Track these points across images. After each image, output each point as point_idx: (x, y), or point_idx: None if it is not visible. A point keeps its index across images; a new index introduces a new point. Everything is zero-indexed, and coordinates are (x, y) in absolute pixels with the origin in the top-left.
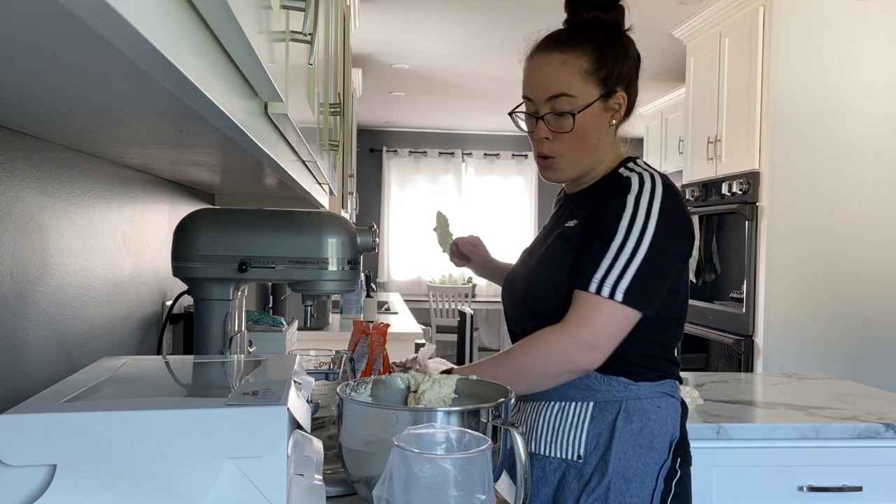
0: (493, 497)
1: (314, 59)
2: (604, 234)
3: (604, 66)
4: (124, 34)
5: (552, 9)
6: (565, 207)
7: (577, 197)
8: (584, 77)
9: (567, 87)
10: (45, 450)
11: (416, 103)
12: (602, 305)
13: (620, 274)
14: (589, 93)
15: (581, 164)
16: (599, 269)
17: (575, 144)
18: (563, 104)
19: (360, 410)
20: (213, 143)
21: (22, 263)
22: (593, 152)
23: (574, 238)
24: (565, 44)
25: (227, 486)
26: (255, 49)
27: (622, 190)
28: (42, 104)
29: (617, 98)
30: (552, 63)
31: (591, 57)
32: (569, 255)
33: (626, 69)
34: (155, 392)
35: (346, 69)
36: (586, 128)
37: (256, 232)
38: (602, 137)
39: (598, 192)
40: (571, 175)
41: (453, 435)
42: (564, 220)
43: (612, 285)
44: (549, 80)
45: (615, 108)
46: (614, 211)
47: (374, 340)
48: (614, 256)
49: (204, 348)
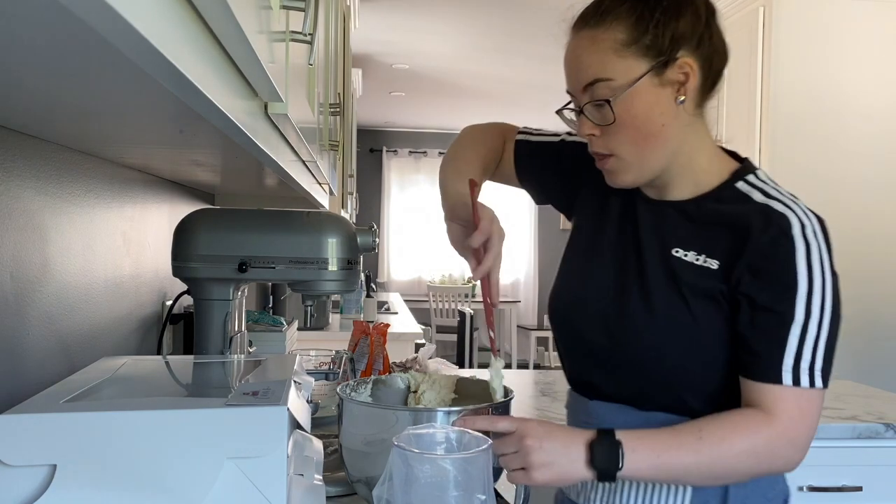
0: (493, 497)
1: (314, 59)
2: (781, 309)
3: (646, 30)
4: (124, 34)
5: (552, 9)
6: (656, 217)
7: (680, 212)
8: (620, 51)
9: (599, 69)
10: (45, 450)
11: (416, 103)
12: (802, 398)
13: (812, 357)
14: (630, 69)
15: (650, 161)
16: (787, 356)
17: (630, 136)
18: (601, 91)
19: (360, 410)
20: (213, 143)
21: (22, 263)
22: (661, 143)
23: (715, 289)
24: (596, 15)
25: (227, 486)
26: (255, 49)
27: (782, 238)
28: (42, 104)
29: (679, 66)
30: (581, 44)
31: (627, 23)
32: (716, 315)
33: (686, 25)
34: (155, 392)
35: (346, 69)
36: (638, 113)
37: (256, 232)
38: (669, 122)
39: (725, 216)
40: (642, 176)
41: (453, 435)
42: (669, 239)
43: (808, 372)
44: (580, 67)
45: (679, 80)
46: (785, 277)
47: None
48: (801, 337)
49: (204, 348)
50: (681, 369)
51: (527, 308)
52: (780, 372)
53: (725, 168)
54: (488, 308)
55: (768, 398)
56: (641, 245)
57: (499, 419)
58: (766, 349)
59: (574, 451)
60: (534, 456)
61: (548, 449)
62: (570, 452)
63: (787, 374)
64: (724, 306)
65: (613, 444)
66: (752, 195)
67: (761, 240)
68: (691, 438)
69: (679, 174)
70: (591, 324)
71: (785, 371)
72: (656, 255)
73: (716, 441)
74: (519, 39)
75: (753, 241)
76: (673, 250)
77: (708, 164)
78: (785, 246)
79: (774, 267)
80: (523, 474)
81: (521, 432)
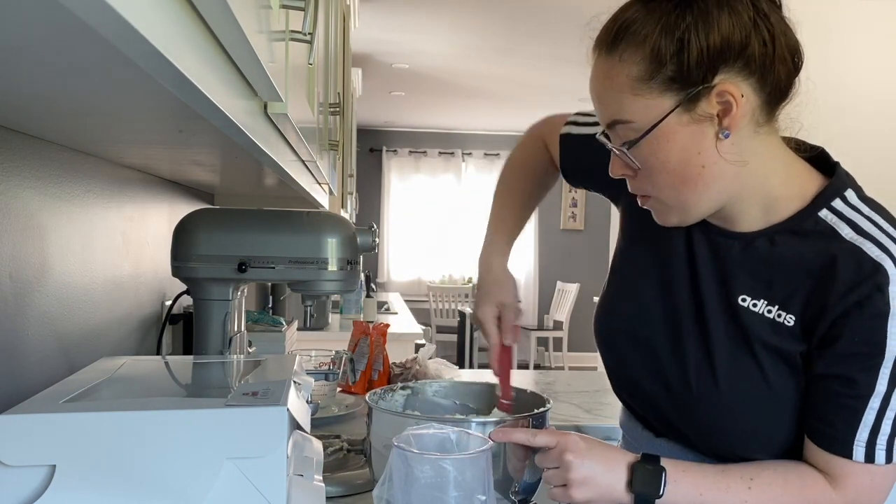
0: (493, 497)
1: (314, 59)
2: (862, 378)
3: (665, 60)
4: (124, 34)
5: (552, 9)
6: (716, 251)
7: (746, 247)
8: (636, 88)
9: (616, 109)
10: (44, 450)
11: (416, 103)
12: (876, 473)
13: (892, 431)
14: (650, 109)
15: (694, 206)
16: (862, 429)
17: (665, 181)
18: (622, 133)
19: (391, 419)
20: (213, 143)
21: (21, 263)
22: (703, 186)
23: (792, 350)
24: (608, 40)
25: (227, 486)
26: (254, 49)
27: (876, 296)
28: (42, 104)
29: (717, 94)
30: (597, 75)
31: (642, 53)
32: (791, 378)
33: (719, 37)
34: (154, 392)
35: (346, 69)
36: (668, 158)
37: (256, 232)
38: (710, 162)
39: (804, 259)
40: (690, 219)
41: (453, 435)
42: (733, 283)
43: (886, 448)
44: (598, 102)
45: (715, 114)
46: (872, 343)
47: (374, 341)
48: (880, 410)
49: (203, 348)
50: (748, 430)
51: (527, 308)
52: (853, 446)
53: (807, 188)
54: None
55: (836, 469)
56: (701, 287)
57: (538, 433)
58: (839, 419)
59: (616, 471)
60: (574, 472)
61: (589, 466)
62: (612, 471)
63: (860, 448)
64: (800, 367)
65: (657, 471)
66: (840, 230)
67: (849, 298)
68: (740, 485)
69: (745, 203)
70: (645, 363)
71: (857, 445)
72: (718, 302)
73: (765, 497)
74: (519, 39)
75: (839, 295)
76: (739, 298)
77: (783, 187)
78: (878, 306)
79: (861, 331)
80: (562, 491)
81: (562, 447)
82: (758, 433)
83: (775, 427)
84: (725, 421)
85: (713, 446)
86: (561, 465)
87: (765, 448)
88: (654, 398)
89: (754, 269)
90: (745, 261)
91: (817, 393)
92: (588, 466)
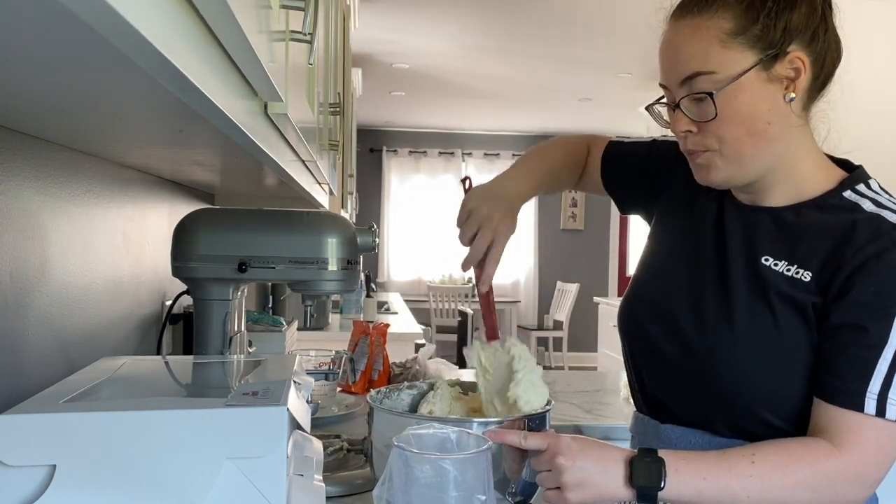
0: (493, 497)
1: (314, 59)
2: (876, 328)
3: (756, 19)
4: (124, 34)
5: (552, 9)
6: (746, 224)
7: (774, 219)
8: (726, 41)
9: (701, 61)
10: (44, 450)
11: (416, 103)
12: (882, 431)
13: None
14: (736, 61)
15: (750, 162)
16: (875, 381)
17: (732, 133)
18: (701, 84)
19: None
20: (213, 143)
21: (21, 263)
22: (764, 144)
23: (807, 301)
24: (701, 1)
25: (227, 486)
26: (254, 49)
27: (893, 250)
28: (42, 104)
29: (790, 61)
30: (681, 33)
31: (736, 10)
32: (804, 329)
33: (800, 17)
34: (155, 392)
35: (346, 69)
36: (742, 109)
37: (256, 232)
38: (776, 120)
39: (826, 226)
40: (738, 178)
41: (453, 435)
42: (758, 248)
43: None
44: (679, 58)
45: (789, 76)
46: (888, 293)
47: (374, 341)
48: (893, 361)
49: (203, 348)
50: (760, 384)
51: (527, 308)
52: (864, 398)
53: (833, 177)
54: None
55: (843, 426)
56: (727, 252)
57: (530, 435)
58: (851, 371)
59: (611, 469)
60: (566, 475)
61: (581, 467)
62: (607, 470)
63: (871, 400)
64: (812, 321)
65: (655, 462)
66: (862, 204)
67: (866, 249)
68: (743, 462)
69: (779, 180)
70: (664, 330)
71: (869, 397)
72: (742, 263)
73: (769, 468)
74: (519, 39)
75: (856, 249)
76: (763, 258)
77: (813, 172)
78: (895, 259)
79: (877, 280)
80: (557, 494)
81: (553, 450)
82: (767, 387)
83: (784, 382)
84: (738, 373)
85: (725, 411)
86: (553, 468)
87: (775, 409)
88: (670, 364)
89: (778, 236)
90: (770, 231)
91: (830, 348)
92: (580, 468)
